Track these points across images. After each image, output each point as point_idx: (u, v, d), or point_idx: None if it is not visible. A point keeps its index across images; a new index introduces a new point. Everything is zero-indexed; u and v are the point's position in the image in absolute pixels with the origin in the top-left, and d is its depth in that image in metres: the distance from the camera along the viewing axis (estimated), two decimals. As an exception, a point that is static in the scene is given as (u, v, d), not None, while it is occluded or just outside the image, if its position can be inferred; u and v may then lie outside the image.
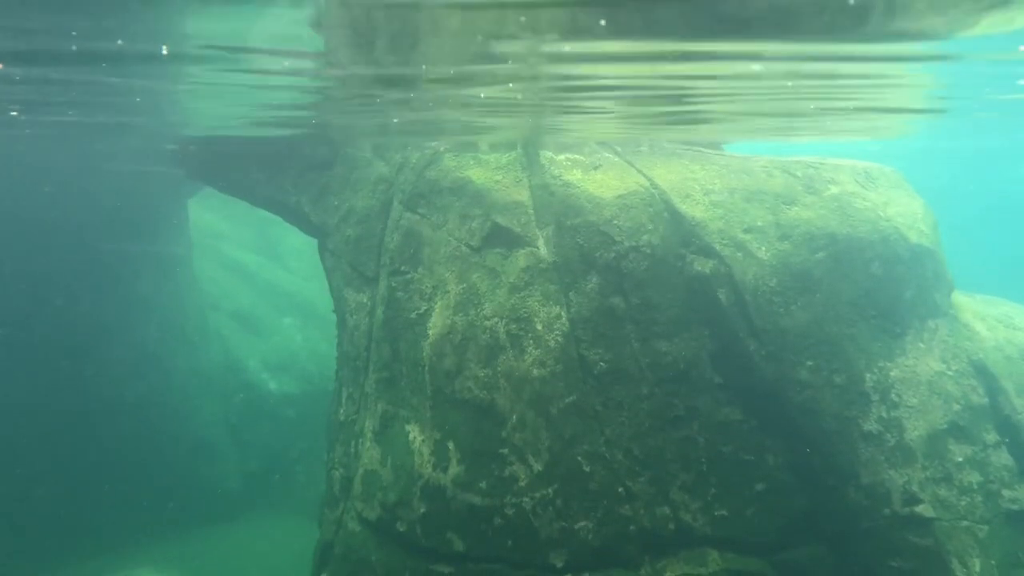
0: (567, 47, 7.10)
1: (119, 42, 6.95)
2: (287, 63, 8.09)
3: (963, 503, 8.72)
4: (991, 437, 9.22)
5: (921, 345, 9.43)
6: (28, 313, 15.13)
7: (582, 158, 9.96)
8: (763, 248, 9.03)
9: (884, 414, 8.81)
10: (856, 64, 8.49)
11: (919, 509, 8.51)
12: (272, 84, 9.20)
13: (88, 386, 15.76)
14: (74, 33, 6.78)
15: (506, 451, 8.81)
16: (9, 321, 14.94)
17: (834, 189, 9.74)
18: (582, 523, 8.57)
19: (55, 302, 15.40)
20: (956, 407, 9.18)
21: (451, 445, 9.06)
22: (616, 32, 6.54)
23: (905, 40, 7.24)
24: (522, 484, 8.69)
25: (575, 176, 9.56)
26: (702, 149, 11.89)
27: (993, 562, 8.58)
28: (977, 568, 8.41)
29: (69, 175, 15.36)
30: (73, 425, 15.44)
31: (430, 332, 9.49)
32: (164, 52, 7.47)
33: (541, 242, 9.31)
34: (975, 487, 8.86)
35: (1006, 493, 8.97)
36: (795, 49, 7.52)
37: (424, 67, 7.90)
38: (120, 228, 16.22)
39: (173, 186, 17.06)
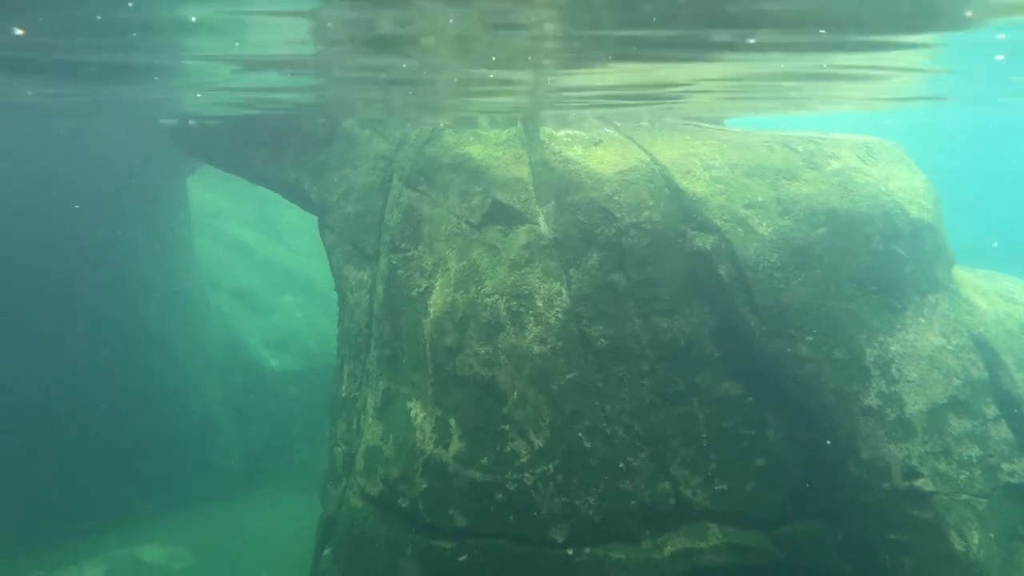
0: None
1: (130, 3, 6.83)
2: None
3: (962, 477, 8.76)
4: (991, 411, 9.25)
5: (922, 320, 9.44)
6: (27, 294, 15.12)
7: (582, 134, 9.91)
8: (764, 224, 9.01)
9: (884, 389, 8.84)
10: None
11: (919, 483, 8.55)
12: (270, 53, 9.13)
13: (89, 365, 15.79)
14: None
15: (507, 427, 8.85)
16: (8, 303, 14.93)
17: (835, 164, 9.70)
18: (583, 498, 8.62)
19: (55, 282, 15.38)
20: (956, 381, 9.20)
21: (452, 422, 9.09)
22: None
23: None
24: (523, 460, 8.73)
25: (575, 152, 9.52)
26: (703, 124, 11.84)
27: (992, 535, 8.64)
28: (975, 541, 8.46)
29: (65, 153, 15.29)
30: (75, 404, 15.48)
31: (431, 309, 9.50)
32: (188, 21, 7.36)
33: (541, 219, 9.28)
34: (975, 461, 8.90)
35: (1005, 467, 9.02)
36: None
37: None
38: (119, 206, 16.17)
39: (172, 164, 16.99)
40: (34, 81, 10.84)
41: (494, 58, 8.49)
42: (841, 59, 9.66)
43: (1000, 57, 10.18)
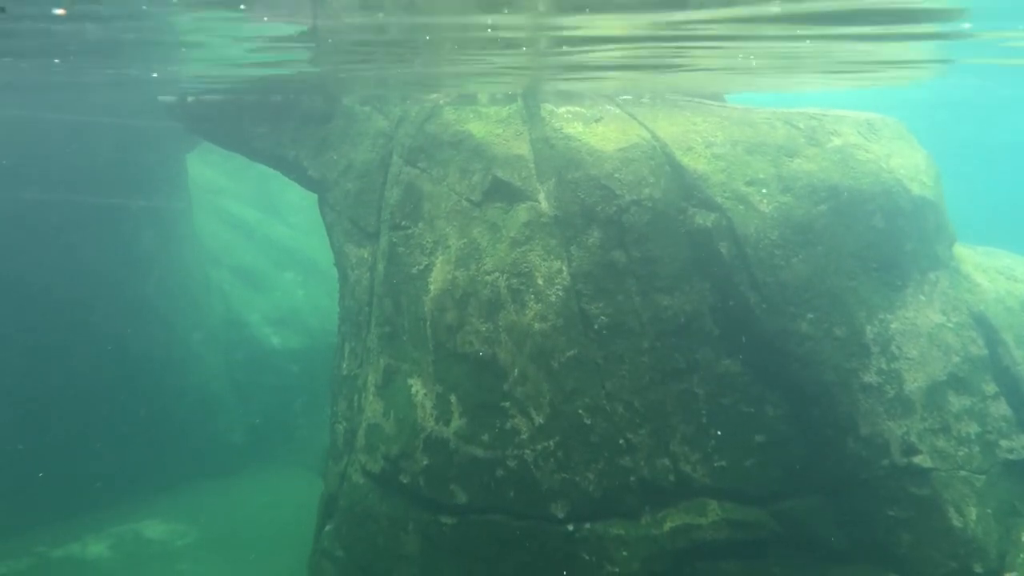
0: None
1: None
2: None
3: (961, 453, 8.80)
4: (990, 388, 9.27)
5: (922, 297, 9.44)
6: (29, 269, 15.13)
7: (583, 110, 9.87)
8: (765, 201, 8.99)
9: (884, 366, 8.85)
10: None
11: (917, 459, 8.59)
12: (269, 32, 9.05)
13: (91, 343, 15.82)
14: None
15: (508, 404, 8.87)
16: (9, 277, 14.93)
17: (836, 141, 9.66)
18: (583, 474, 8.66)
19: (56, 258, 15.38)
20: (956, 359, 9.22)
21: (453, 398, 9.12)
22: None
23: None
24: (524, 436, 8.77)
25: (576, 129, 9.48)
26: (704, 100, 11.78)
27: (989, 511, 8.69)
28: (973, 517, 8.52)
29: (67, 129, 15.24)
30: (76, 380, 15.53)
31: (431, 287, 9.50)
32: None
33: (542, 196, 9.26)
34: (973, 438, 8.94)
35: (1004, 443, 9.06)
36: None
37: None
38: (119, 183, 16.14)
39: (171, 140, 16.93)
40: (35, 55, 10.74)
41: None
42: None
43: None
